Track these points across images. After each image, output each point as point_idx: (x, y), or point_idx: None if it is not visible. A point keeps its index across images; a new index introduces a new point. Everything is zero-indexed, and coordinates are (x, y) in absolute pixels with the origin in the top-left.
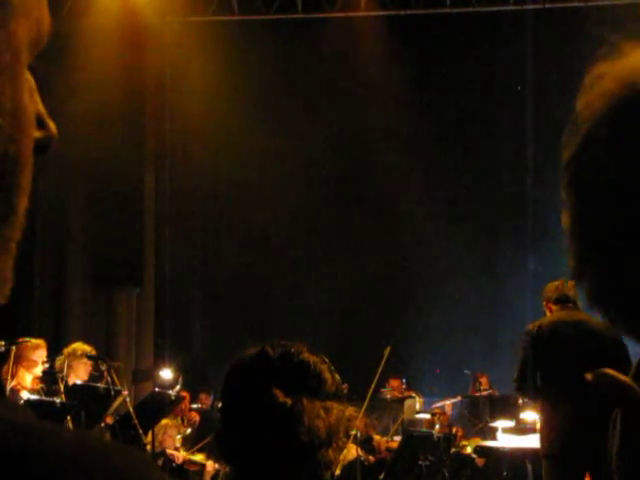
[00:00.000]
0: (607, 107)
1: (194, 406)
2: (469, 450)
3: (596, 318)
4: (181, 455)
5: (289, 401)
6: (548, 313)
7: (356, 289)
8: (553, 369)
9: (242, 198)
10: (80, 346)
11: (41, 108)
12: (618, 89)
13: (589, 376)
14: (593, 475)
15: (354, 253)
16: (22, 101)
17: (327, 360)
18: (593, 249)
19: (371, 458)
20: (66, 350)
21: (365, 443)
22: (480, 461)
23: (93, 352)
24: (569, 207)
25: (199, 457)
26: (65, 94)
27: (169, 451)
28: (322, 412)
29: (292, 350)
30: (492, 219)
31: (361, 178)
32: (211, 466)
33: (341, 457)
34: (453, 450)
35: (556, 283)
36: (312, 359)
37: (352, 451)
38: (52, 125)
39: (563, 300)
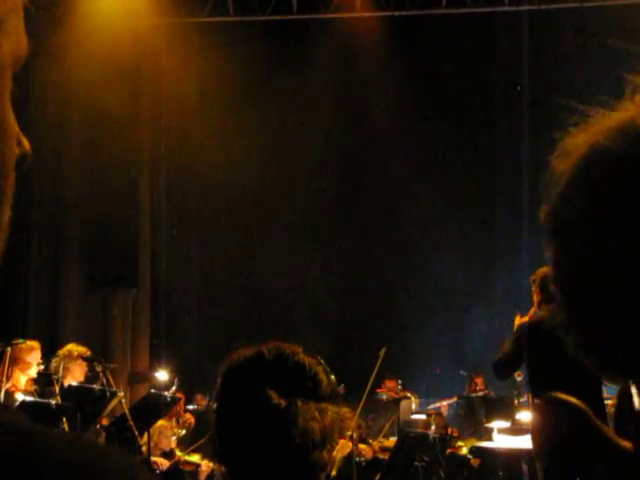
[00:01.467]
0: (578, 165)
1: (189, 407)
2: (465, 451)
3: None
4: (165, 462)
5: (284, 402)
6: (535, 298)
7: (352, 290)
8: (544, 368)
9: (238, 199)
10: (75, 347)
11: (15, 125)
12: (587, 149)
13: (547, 398)
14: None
15: (350, 254)
16: (8, 115)
17: (322, 362)
18: (573, 298)
19: (365, 452)
20: (61, 352)
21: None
22: (475, 462)
23: (88, 353)
24: (553, 259)
25: (194, 457)
26: (61, 95)
27: (154, 458)
28: (317, 414)
29: (287, 351)
30: (489, 213)
31: (360, 176)
32: (206, 466)
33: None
34: (448, 451)
35: (547, 271)
36: (307, 361)
37: (345, 447)
38: (26, 142)
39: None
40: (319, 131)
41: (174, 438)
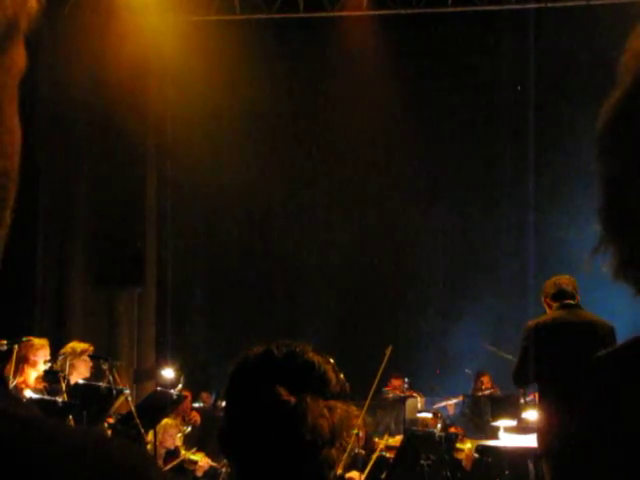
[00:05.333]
0: None
1: (195, 405)
2: (463, 455)
3: (596, 316)
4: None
5: (293, 400)
6: (547, 308)
7: (358, 287)
8: (551, 368)
9: (244, 197)
10: (77, 344)
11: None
12: None
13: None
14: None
15: (354, 252)
16: (17, 121)
17: (331, 360)
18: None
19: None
20: (64, 350)
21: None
22: (468, 465)
23: (91, 349)
24: (603, 176)
25: (199, 456)
26: (68, 92)
27: None
28: (326, 411)
29: (297, 350)
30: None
31: (361, 172)
32: (204, 461)
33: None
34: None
35: (554, 279)
36: (316, 359)
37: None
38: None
39: (562, 297)
40: (323, 129)
41: (180, 435)
